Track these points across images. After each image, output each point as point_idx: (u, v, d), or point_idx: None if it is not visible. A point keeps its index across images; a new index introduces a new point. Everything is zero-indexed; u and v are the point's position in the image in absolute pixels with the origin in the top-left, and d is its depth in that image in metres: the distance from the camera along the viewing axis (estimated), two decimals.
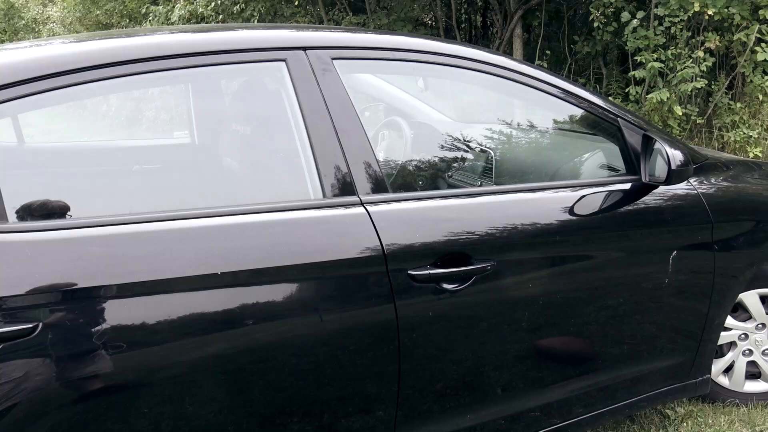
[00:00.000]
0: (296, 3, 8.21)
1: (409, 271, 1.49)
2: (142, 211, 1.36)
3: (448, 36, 8.17)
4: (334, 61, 1.62)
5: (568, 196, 1.83)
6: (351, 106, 1.58)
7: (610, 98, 6.09)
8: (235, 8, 8.46)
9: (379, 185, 1.56)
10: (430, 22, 8.56)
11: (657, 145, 1.81)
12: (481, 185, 2.25)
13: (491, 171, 2.30)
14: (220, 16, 8.76)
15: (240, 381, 1.38)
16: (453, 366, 1.63)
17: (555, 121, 2.38)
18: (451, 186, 2.37)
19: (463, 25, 9.17)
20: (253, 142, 1.96)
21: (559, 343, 1.86)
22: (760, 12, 5.34)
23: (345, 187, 1.51)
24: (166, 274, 1.28)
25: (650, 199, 1.89)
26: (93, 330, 1.22)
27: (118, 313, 1.25)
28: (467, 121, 2.95)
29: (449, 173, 2.48)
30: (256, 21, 8.26)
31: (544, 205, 1.80)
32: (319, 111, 1.54)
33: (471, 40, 9.02)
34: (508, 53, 7.14)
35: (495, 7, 7.67)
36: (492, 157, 2.34)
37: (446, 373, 1.63)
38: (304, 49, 1.60)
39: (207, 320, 1.33)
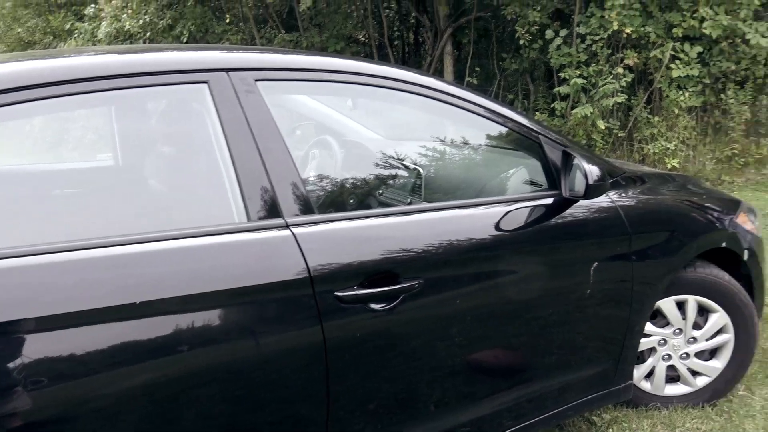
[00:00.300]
0: (227, 20, 8.14)
1: (336, 293, 1.49)
2: (60, 240, 1.31)
3: (381, 53, 8.28)
4: (257, 82, 1.61)
5: (494, 212, 1.87)
6: (275, 128, 1.58)
7: (537, 113, 6.31)
8: (161, 23, 8.30)
9: (305, 206, 1.55)
10: (363, 40, 8.65)
11: (576, 161, 1.88)
12: (410, 203, 2.27)
13: (420, 188, 2.34)
14: (148, 34, 8.59)
15: (168, 410, 1.34)
16: (384, 385, 1.64)
17: (481, 139, 2.43)
18: (382, 204, 2.38)
19: (396, 42, 9.31)
20: (177, 166, 1.93)
21: (489, 356, 1.89)
22: (674, 30, 5.66)
23: (270, 210, 1.50)
24: (86, 305, 1.24)
25: (571, 212, 1.96)
26: (9, 366, 1.17)
27: (36, 347, 1.20)
28: (398, 139, 2.98)
29: (380, 191, 2.49)
30: (185, 39, 8.13)
31: (471, 222, 1.84)
32: (242, 133, 1.53)
33: (404, 58, 9.16)
34: (440, 70, 7.29)
35: (426, 25, 7.83)
36: (421, 175, 2.37)
37: (378, 393, 1.63)
38: (227, 70, 1.59)
39: (131, 350, 1.29)
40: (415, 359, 1.68)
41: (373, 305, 1.54)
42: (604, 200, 2.05)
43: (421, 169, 2.42)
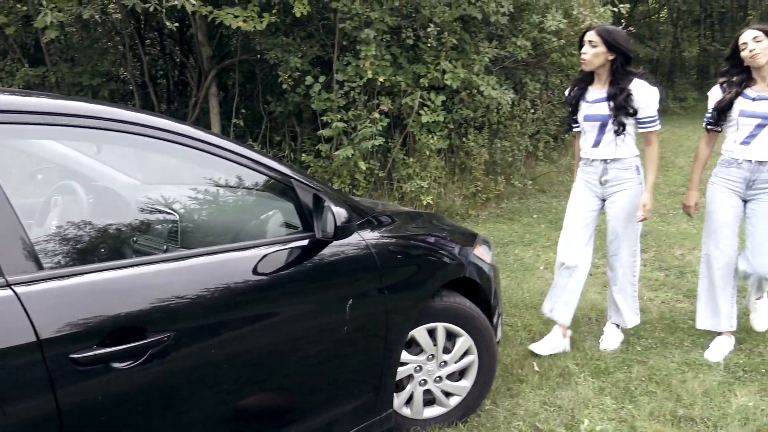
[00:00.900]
0: None
1: (71, 355, 1.36)
2: None
3: (143, 92, 7.89)
4: None
5: (251, 256, 1.87)
6: None
7: (304, 154, 6.47)
8: None
9: (32, 262, 1.40)
10: (123, 77, 8.16)
11: (326, 204, 1.97)
12: (167, 250, 2.18)
13: (177, 234, 2.25)
14: None
15: None
16: None
17: (238, 185, 2.42)
18: (136, 252, 2.25)
19: (159, 81, 8.94)
20: None
21: (253, 402, 1.86)
22: (421, 80, 6.24)
23: None
24: None
25: (325, 253, 2.03)
26: None
27: None
28: (155, 183, 2.85)
29: (134, 239, 2.35)
30: None
31: (227, 267, 1.81)
32: None
33: (168, 97, 8.82)
34: (206, 111, 7.16)
35: (191, 66, 7.65)
36: (177, 220, 2.29)
37: None
38: None
39: None
40: (171, 414, 1.60)
41: (115, 364, 1.44)
42: (356, 239, 2.16)
43: (177, 215, 2.34)
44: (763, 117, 3.08)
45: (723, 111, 3.19)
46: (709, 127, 3.33)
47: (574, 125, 3.44)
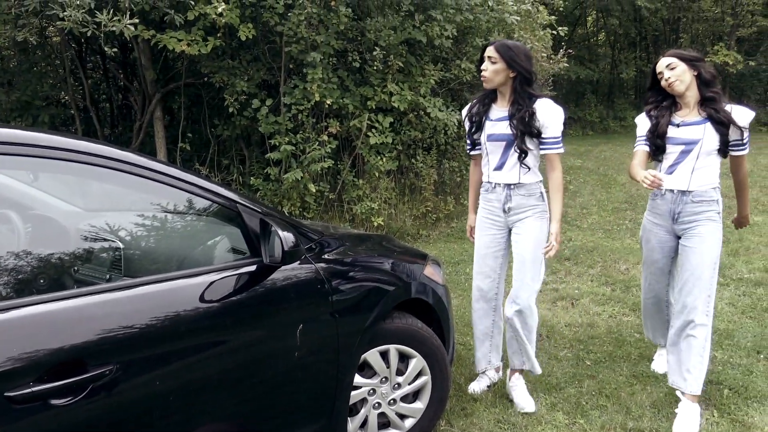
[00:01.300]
0: None
1: (5, 393, 1.30)
2: None
3: (86, 116, 7.70)
4: None
5: (197, 283, 1.84)
6: None
7: (253, 178, 6.41)
8: None
9: None
10: (64, 101, 7.95)
11: (272, 228, 1.95)
12: (110, 279, 2.11)
13: (120, 263, 2.19)
14: None
15: None
16: None
17: (182, 211, 2.38)
18: (78, 282, 2.17)
19: (102, 105, 8.74)
20: None
21: None
22: (368, 103, 6.28)
23: None
24: None
25: (273, 278, 2.01)
26: None
27: None
28: (99, 211, 2.77)
29: (75, 268, 2.27)
30: None
31: (172, 295, 1.77)
32: None
33: (112, 121, 8.63)
34: (151, 135, 7.02)
35: (134, 89, 7.51)
36: (121, 249, 2.23)
37: None
38: None
39: None
40: None
41: (54, 401, 1.38)
42: (305, 264, 2.14)
43: (120, 243, 2.27)
44: (686, 143, 2.88)
45: (662, 137, 2.93)
46: (653, 153, 3.01)
47: (476, 148, 3.14)
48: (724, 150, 2.88)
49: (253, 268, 1.99)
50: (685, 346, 2.86)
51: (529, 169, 2.96)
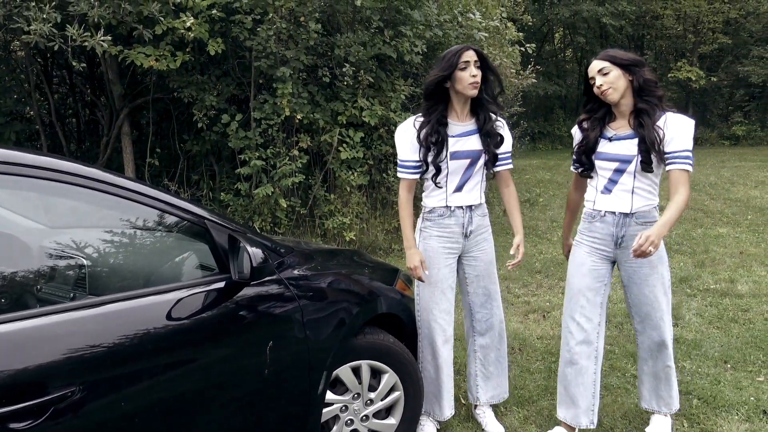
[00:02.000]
0: None
1: None
2: None
3: (51, 132, 7.57)
4: None
5: (164, 300, 1.80)
6: None
7: (223, 193, 6.35)
8: None
9: None
10: (29, 116, 7.80)
11: (241, 245, 1.92)
12: (74, 297, 2.06)
13: (85, 281, 2.14)
14: None
15: None
16: None
17: (148, 227, 2.34)
18: (40, 301, 2.12)
19: (68, 120, 8.60)
20: None
21: None
22: (339, 118, 6.28)
23: None
24: None
25: (242, 295, 1.98)
26: None
27: None
28: (63, 227, 2.71)
29: (38, 287, 2.21)
30: None
31: (138, 313, 1.73)
32: None
33: (79, 137, 8.49)
34: (118, 150, 6.92)
35: (101, 104, 7.41)
36: (85, 266, 2.18)
37: None
38: None
39: None
40: None
41: (13, 425, 1.33)
42: (275, 280, 2.11)
43: (85, 260, 2.22)
44: (620, 160, 2.56)
45: (589, 153, 2.67)
46: (581, 171, 2.78)
47: (415, 170, 2.77)
48: (658, 164, 2.54)
49: (221, 284, 1.96)
50: (663, 377, 2.75)
51: (483, 186, 2.81)
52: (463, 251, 2.85)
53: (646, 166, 2.51)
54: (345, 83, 6.24)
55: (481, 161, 2.75)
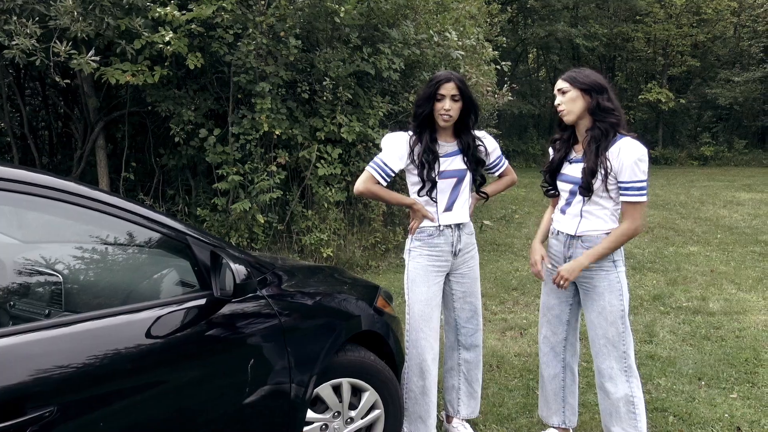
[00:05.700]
0: None
1: None
2: None
3: (23, 144, 7.44)
4: None
5: (143, 318, 1.77)
6: None
7: (199, 208, 6.29)
8: None
9: None
10: (1, 128, 7.66)
11: (224, 261, 1.90)
12: (49, 314, 2.02)
13: (60, 297, 2.09)
14: None
15: None
16: None
17: (127, 242, 2.30)
18: (13, 318, 2.06)
19: (41, 132, 8.46)
20: None
21: None
22: (317, 134, 6.28)
23: None
24: None
25: (224, 312, 1.95)
26: None
27: None
28: (38, 242, 2.65)
29: (11, 303, 2.16)
30: None
31: (116, 332, 1.69)
32: None
33: (51, 150, 8.35)
34: (93, 164, 6.82)
35: (75, 117, 7.31)
36: (61, 282, 2.13)
37: None
38: None
39: None
40: None
41: None
42: (256, 297, 2.09)
43: (60, 276, 2.18)
44: (573, 182, 2.58)
45: (553, 174, 2.72)
46: (545, 190, 2.83)
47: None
48: (605, 191, 2.51)
49: (202, 301, 1.93)
50: (624, 412, 2.61)
51: (468, 205, 2.88)
52: (451, 269, 2.90)
53: (583, 191, 2.54)
54: (324, 99, 6.25)
55: (467, 180, 2.82)
